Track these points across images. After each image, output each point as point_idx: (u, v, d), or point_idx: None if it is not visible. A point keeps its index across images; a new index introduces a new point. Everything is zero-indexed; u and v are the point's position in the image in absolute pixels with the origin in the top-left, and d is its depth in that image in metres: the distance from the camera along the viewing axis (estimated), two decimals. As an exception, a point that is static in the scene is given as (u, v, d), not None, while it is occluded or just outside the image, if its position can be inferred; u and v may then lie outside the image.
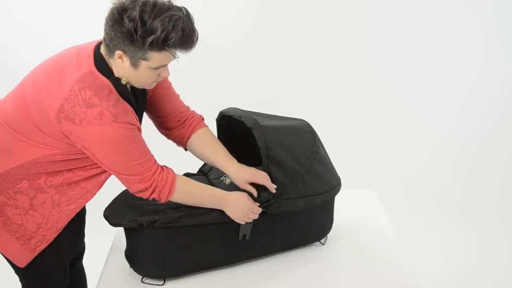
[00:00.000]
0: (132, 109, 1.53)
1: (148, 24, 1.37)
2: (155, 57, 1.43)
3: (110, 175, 1.63)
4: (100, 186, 1.66)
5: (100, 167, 1.59)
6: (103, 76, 1.47)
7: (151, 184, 1.55)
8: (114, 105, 1.45)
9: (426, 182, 3.74)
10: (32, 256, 1.67)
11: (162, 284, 1.71)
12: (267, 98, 3.55)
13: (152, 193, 1.57)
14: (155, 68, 1.48)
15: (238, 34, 3.59)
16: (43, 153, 1.54)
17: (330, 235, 2.01)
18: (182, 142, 1.81)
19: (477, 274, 2.97)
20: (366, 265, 1.86)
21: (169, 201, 1.61)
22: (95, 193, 1.66)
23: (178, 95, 1.81)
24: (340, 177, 1.95)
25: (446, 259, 3.09)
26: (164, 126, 1.81)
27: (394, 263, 1.87)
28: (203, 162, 2.02)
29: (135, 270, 1.73)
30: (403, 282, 1.78)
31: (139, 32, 1.37)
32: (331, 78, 3.69)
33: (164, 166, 1.62)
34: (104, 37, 1.46)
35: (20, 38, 3.46)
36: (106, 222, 1.72)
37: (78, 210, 1.66)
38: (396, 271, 1.83)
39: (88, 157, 1.55)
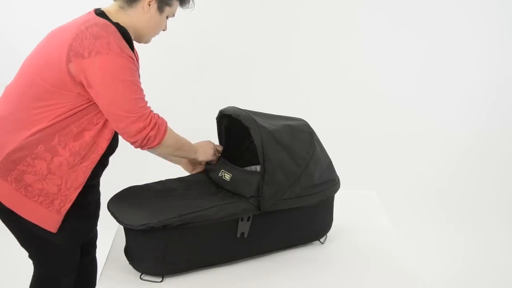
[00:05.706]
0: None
1: None
2: (174, 4, 1.77)
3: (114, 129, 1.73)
4: (107, 139, 1.74)
5: (105, 122, 1.70)
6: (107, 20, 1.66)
7: (150, 121, 1.66)
8: (120, 39, 1.63)
9: (426, 182, 3.74)
10: (59, 218, 1.72)
11: (160, 281, 1.71)
12: (267, 97, 3.55)
13: (151, 130, 1.66)
14: (166, 18, 1.79)
15: (239, 32, 3.60)
16: (54, 115, 1.65)
17: (329, 234, 2.01)
18: None
19: (477, 274, 2.97)
20: (366, 265, 1.86)
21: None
22: (104, 147, 1.74)
23: None
24: (340, 177, 1.95)
25: (446, 259, 3.09)
26: None
27: (393, 263, 1.87)
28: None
29: (134, 267, 1.73)
30: (402, 282, 1.77)
31: None
32: (332, 78, 3.69)
33: None
34: None
35: (21, 38, 3.46)
36: (107, 219, 1.72)
37: (92, 166, 1.74)
38: (395, 271, 1.83)
39: (94, 111, 1.67)
